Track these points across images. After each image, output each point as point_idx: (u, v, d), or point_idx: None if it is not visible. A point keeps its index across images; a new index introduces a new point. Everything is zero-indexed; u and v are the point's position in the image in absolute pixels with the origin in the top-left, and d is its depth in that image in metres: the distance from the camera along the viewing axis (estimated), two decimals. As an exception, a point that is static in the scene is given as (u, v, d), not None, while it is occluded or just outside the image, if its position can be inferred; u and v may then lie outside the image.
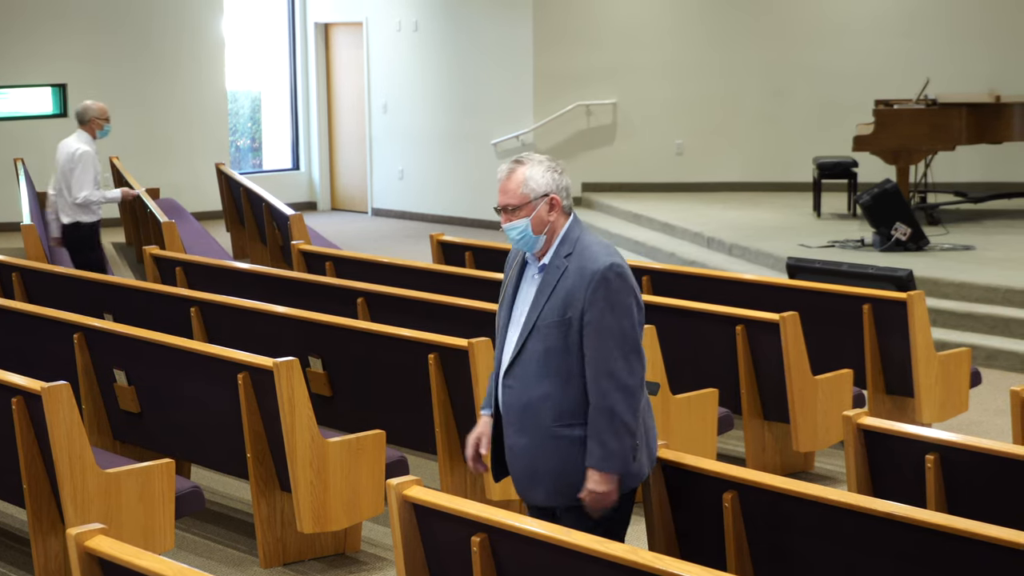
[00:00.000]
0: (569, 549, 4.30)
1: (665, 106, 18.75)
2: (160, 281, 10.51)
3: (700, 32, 18.70)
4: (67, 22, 19.23)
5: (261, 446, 6.91)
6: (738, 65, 18.64)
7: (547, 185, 5.06)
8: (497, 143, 18.92)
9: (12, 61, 19.00)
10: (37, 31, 19.08)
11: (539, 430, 5.00)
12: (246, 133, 22.57)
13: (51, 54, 19.24)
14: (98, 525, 4.32)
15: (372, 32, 20.42)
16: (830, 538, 4.84)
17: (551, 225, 5.06)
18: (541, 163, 5.10)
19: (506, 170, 5.10)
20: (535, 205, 5.04)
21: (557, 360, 4.96)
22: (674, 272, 10.33)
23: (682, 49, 18.68)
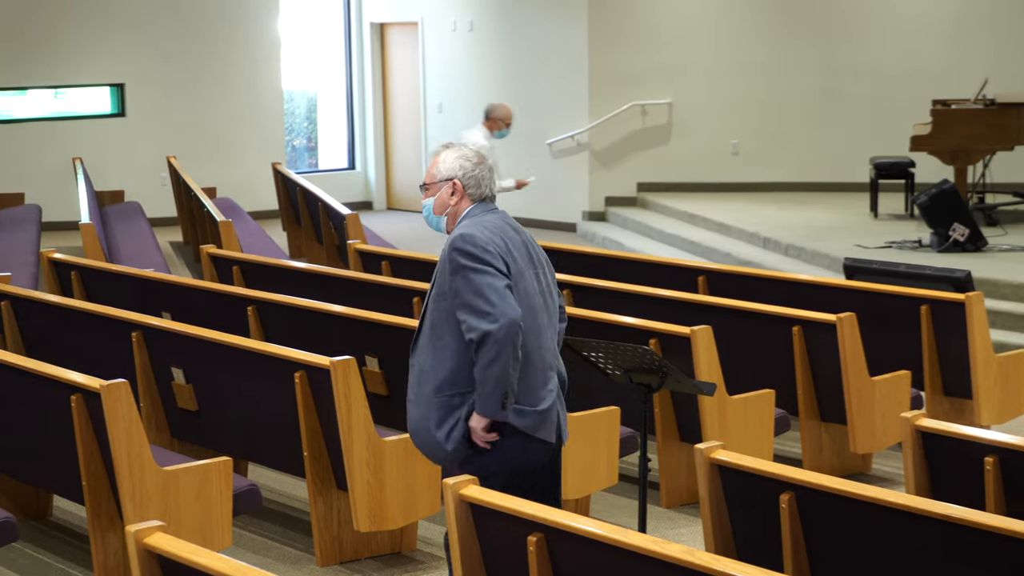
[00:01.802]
0: (626, 549, 4.29)
1: (721, 106, 18.70)
2: (217, 280, 10.56)
3: (756, 31, 18.64)
4: (126, 22, 19.34)
5: (318, 444, 6.93)
6: (793, 64, 18.56)
7: (452, 171, 5.40)
8: (552, 143, 18.91)
9: (71, 61, 19.14)
10: (95, 31, 19.20)
11: (423, 399, 5.33)
12: (302, 133, 22.64)
13: (109, 54, 19.37)
14: (157, 522, 4.33)
15: (427, 32, 20.45)
16: (888, 540, 4.81)
17: (453, 209, 5.42)
18: (457, 150, 5.46)
19: (432, 152, 5.52)
20: (439, 187, 5.42)
21: (439, 333, 5.27)
22: (730, 272, 10.29)
23: (738, 49, 18.62)
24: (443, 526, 7.28)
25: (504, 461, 5.33)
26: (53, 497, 7.73)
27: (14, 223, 15.88)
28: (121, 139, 19.45)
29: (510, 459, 5.34)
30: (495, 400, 5.18)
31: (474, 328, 5.14)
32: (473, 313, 5.15)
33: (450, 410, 5.29)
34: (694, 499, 7.74)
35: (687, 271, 10.33)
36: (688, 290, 9.52)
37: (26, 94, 19.30)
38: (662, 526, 7.58)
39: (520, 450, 5.34)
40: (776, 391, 8.01)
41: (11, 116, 19.13)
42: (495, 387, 5.16)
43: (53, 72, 19.12)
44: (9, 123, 19.01)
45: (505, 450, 5.32)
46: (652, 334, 7.88)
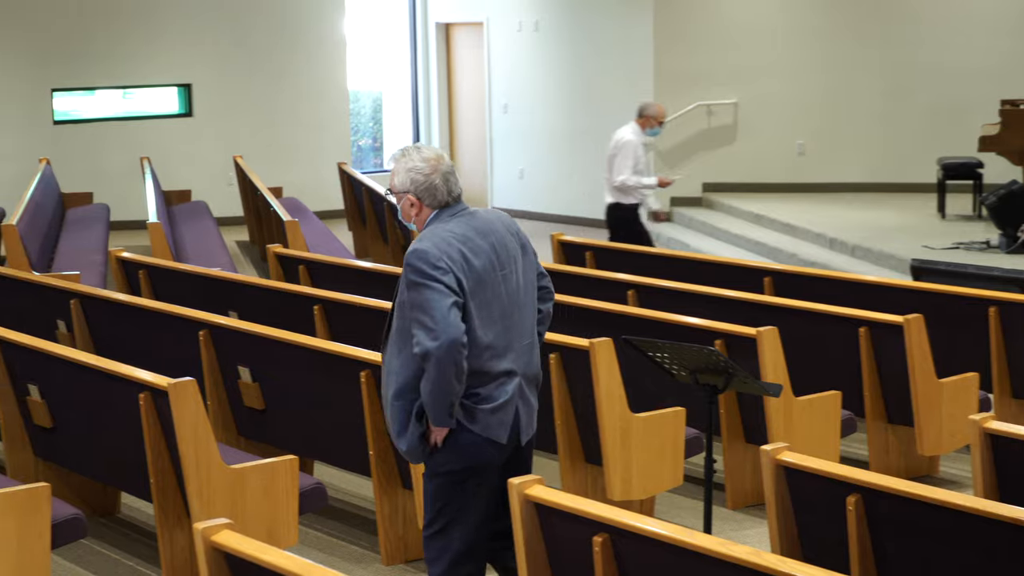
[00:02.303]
0: (691, 550, 4.28)
1: (786, 106, 18.63)
2: (283, 279, 10.61)
3: (821, 31, 18.55)
4: (192, 23, 19.46)
5: (383, 444, 6.95)
6: (860, 64, 18.47)
7: (404, 185, 5.49)
8: (617, 143, 18.88)
9: (139, 62, 19.28)
10: (163, 32, 19.33)
11: (387, 402, 5.45)
12: (367, 133, 22.71)
13: (177, 55, 19.50)
14: (224, 520, 4.36)
15: (493, 32, 20.47)
16: (955, 543, 4.78)
17: (416, 218, 5.53)
18: (409, 161, 5.49)
19: (392, 158, 5.63)
20: (400, 198, 5.52)
21: (401, 340, 5.38)
22: (796, 273, 10.25)
23: (804, 49, 18.54)
24: (508, 526, 7.29)
25: (457, 459, 5.40)
26: (121, 494, 7.78)
27: (83, 222, 16.01)
28: (188, 139, 19.58)
29: (464, 457, 5.40)
30: (442, 411, 5.28)
31: (419, 343, 5.23)
32: (419, 328, 5.23)
33: (408, 415, 5.38)
34: (759, 500, 7.71)
35: (753, 272, 10.30)
36: (754, 291, 9.49)
37: (95, 94, 19.46)
38: (727, 527, 7.56)
39: (473, 448, 5.40)
40: (842, 392, 7.97)
41: (80, 116, 19.29)
42: (439, 401, 5.25)
43: (121, 72, 19.27)
44: (78, 123, 19.17)
45: (459, 448, 5.39)
46: (718, 335, 7.85)
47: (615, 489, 7.11)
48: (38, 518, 6.01)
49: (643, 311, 8.57)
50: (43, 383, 7.25)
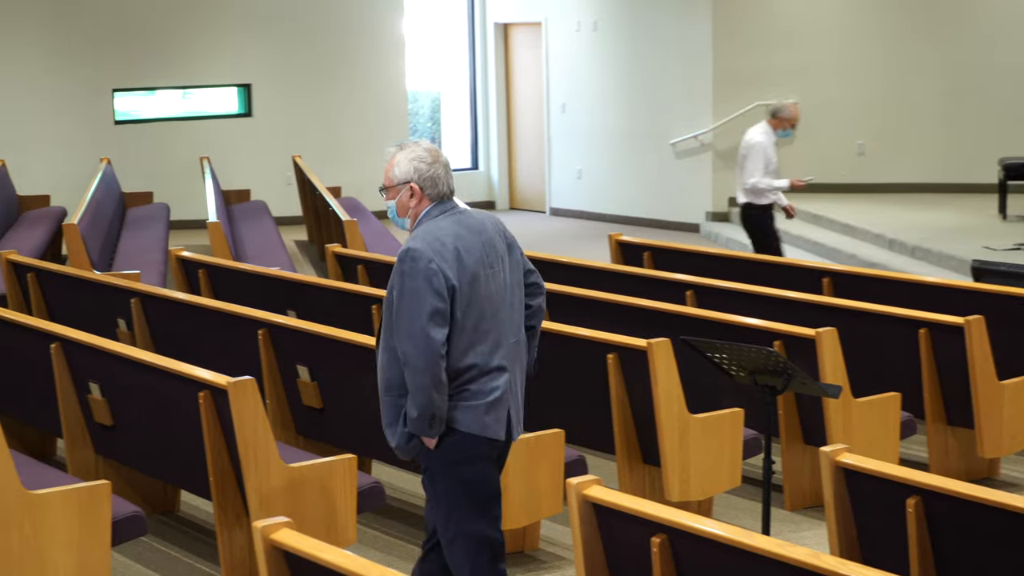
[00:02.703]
0: (750, 552, 4.27)
1: (846, 106, 18.54)
2: (342, 278, 10.64)
3: (881, 31, 18.47)
4: (252, 23, 19.56)
5: (441, 443, 6.96)
6: (919, 64, 18.37)
7: (407, 174, 5.47)
8: (675, 143, 18.86)
9: (198, 62, 19.39)
10: (223, 32, 19.44)
11: (381, 394, 5.47)
12: (426, 133, 22.75)
13: (236, 55, 19.60)
14: (283, 519, 4.38)
15: (551, 32, 20.47)
16: (1016, 545, 4.75)
17: (412, 210, 5.50)
18: (411, 151, 5.50)
19: (388, 153, 5.57)
20: (399, 190, 5.49)
21: (388, 335, 5.40)
22: (855, 274, 10.20)
23: (863, 48, 18.45)
24: (566, 526, 7.29)
25: (455, 457, 5.44)
26: (180, 492, 7.83)
27: (143, 222, 16.11)
28: (247, 139, 19.67)
29: (461, 454, 5.44)
30: (423, 423, 5.32)
31: (400, 348, 5.31)
32: (402, 334, 5.29)
33: (397, 410, 5.42)
34: (818, 502, 7.69)
35: (812, 272, 10.26)
36: (813, 291, 9.46)
37: (155, 94, 19.58)
38: (785, 529, 7.54)
39: (469, 445, 5.43)
40: (902, 394, 7.93)
41: (140, 116, 19.42)
42: (419, 411, 5.29)
43: (181, 73, 19.38)
44: (138, 123, 19.30)
45: (455, 446, 5.42)
46: (776, 336, 7.83)
47: (673, 490, 7.10)
48: (99, 515, 6.06)
49: (701, 312, 8.55)
50: (104, 381, 7.30)
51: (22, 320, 8.12)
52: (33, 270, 10.23)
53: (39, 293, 10.13)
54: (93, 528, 6.05)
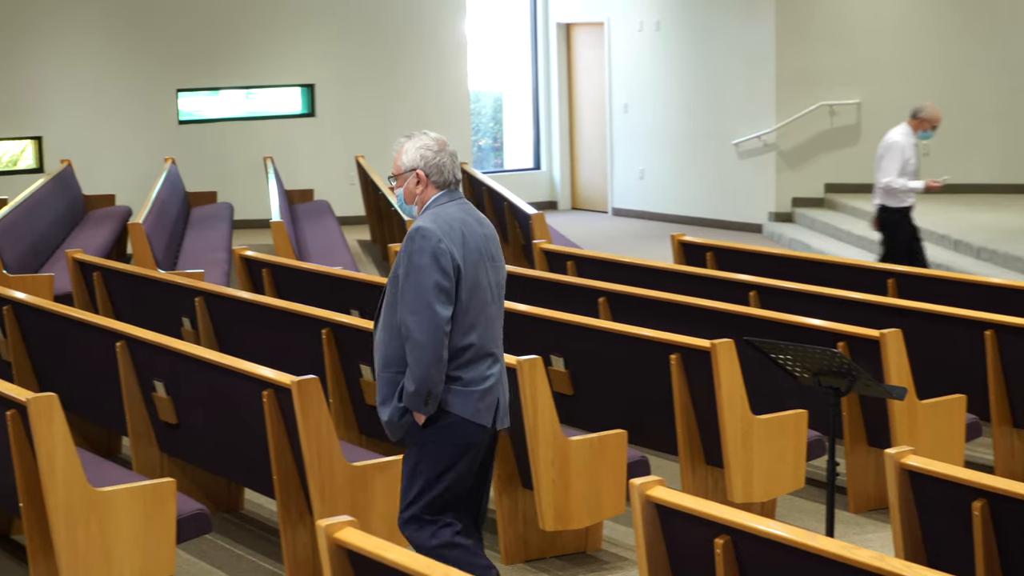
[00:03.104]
0: (814, 554, 4.25)
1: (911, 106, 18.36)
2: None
3: (945, 30, 18.34)
4: (316, 24, 19.63)
5: (503, 442, 6.97)
6: (983, 63, 18.23)
7: (414, 161, 5.67)
8: (738, 143, 18.80)
9: (262, 62, 19.48)
10: (287, 33, 19.51)
11: (376, 373, 5.62)
12: (488, 133, 22.77)
13: (300, 55, 19.67)
14: (346, 517, 4.39)
15: (614, 32, 20.44)
16: (1084, 550, 4.72)
17: (419, 197, 5.68)
18: (419, 140, 5.70)
19: (397, 144, 5.76)
20: (406, 177, 5.69)
21: (390, 313, 5.56)
22: (920, 275, 10.14)
23: (927, 48, 18.33)
24: (629, 526, 7.29)
25: (444, 438, 5.55)
26: (244, 490, 7.86)
27: (207, 221, 16.20)
28: (311, 139, 19.75)
29: (450, 437, 5.56)
30: (419, 398, 5.44)
31: (402, 322, 5.44)
32: (407, 308, 5.42)
33: (393, 387, 5.56)
34: (882, 504, 7.65)
35: (876, 273, 10.21)
36: (877, 293, 9.41)
37: (218, 94, 19.68)
38: (849, 531, 7.50)
39: (462, 429, 5.55)
40: (967, 396, 7.87)
41: (204, 116, 19.52)
42: (417, 386, 5.42)
43: (245, 73, 19.48)
44: (202, 123, 19.41)
45: (446, 428, 5.55)
46: (840, 337, 7.79)
47: (736, 491, 7.07)
48: (164, 513, 6.10)
49: (765, 312, 8.51)
50: (168, 380, 7.34)
51: (88, 319, 8.18)
52: (99, 269, 10.31)
53: (105, 292, 10.20)
54: (158, 525, 6.09)
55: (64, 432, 5.91)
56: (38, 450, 5.88)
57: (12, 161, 18.73)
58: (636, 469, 7.02)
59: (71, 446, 5.93)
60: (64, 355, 8.50)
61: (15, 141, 18.61)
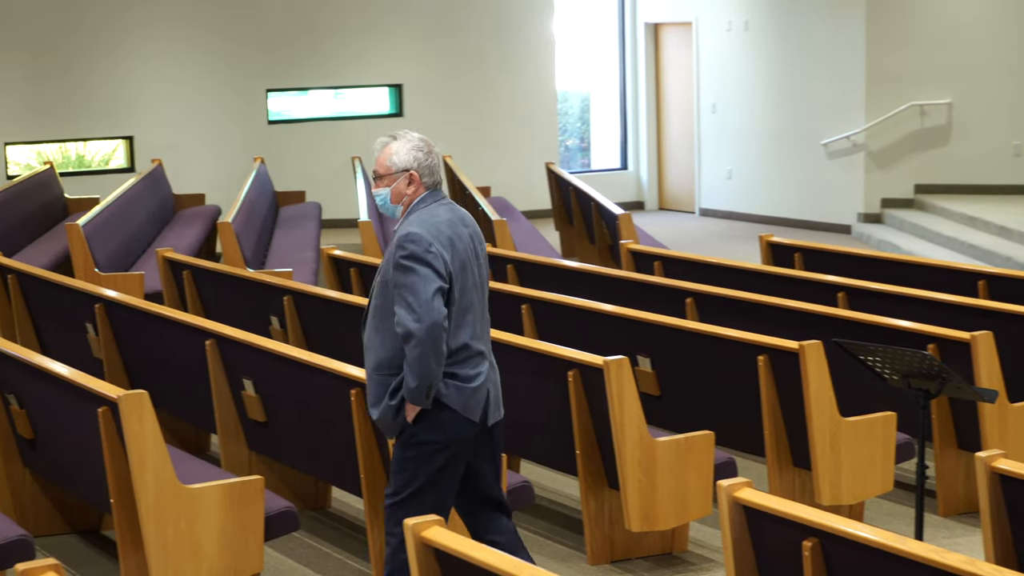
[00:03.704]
0: (904, 557, 4.22)
1: (1003, 106, 18.22)
2: (492, 278, 10.65)
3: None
4: (404, 24, 19.70)
5: (590, 443, 6.97)
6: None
7: (407, 162, 5.70)
8: (827, 143, 18.68)
9: (351, 62, 19.57)
10: (375, 33, 19.60)
11: (367, 375, 5.72)
12: (575, 133, 22.76)
13: (388, 55, 19.75)
14: (433, 516, 4.40)
15: (702, 32, 20.37)
16: None
17: (408, 198, 5.71)
18: (409, 141, 5.73)
19: (381, 143, 5.77)
20: (396, 178, 5.71)
21: (381, 317, 5.63)
22: (1012, 277, 10.02)
23: (1020, 47, 18.12)
24: (715, 528, 7.27)
25: (435, 433, 5.63)
26: (332, 488, 7.90)
27: (295, 220, 16.29)
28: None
29: (441, 432, 5.64)
30: (420, 392, 5.51)
31: (401, 323, 5.48)
32: (404, 308, 5.48)
33: (384, 388, 5.64)
34: (972, 508, 7.58)
35: (966, 275, 10.11)
36: (968, 294, 9.32)
37: (307, 95, 19.81)
38: (939, 535, 7.43)
39: (450, 424, 5.63)
40: (1060, 399, 7.78)
41: (292, 116, 19.64)
42: (419, 382, 5.49)
43: (333, 73, 19.58)
44: (290, 123, 19.53)
45: (437, 423, 5.63)
46: (930, 339, 7.73)
47: (824, 493, 7.04)
48: (252, 510, 6.15)
49: (853, 314, 8.46)
50: (257, 378, 7.39)
51: (179, 317, 8.25)
52: (188, 267, 10.40)
53: (194, 290, 10.29)
54: (246, 522, 6.14)
55: (154, 429, 5.97)
56: (129, 447, 5.94)
57: (104, 161, 18.94)
58: (723, 470, 7.00)
59: (161, 443, 5.99)
60: (154, 353, 8.58)
61: (107, 141, 18.82)
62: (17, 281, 10.09)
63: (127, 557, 6.24)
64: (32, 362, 6.95)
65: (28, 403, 7.10)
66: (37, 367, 6.89)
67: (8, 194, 14.76)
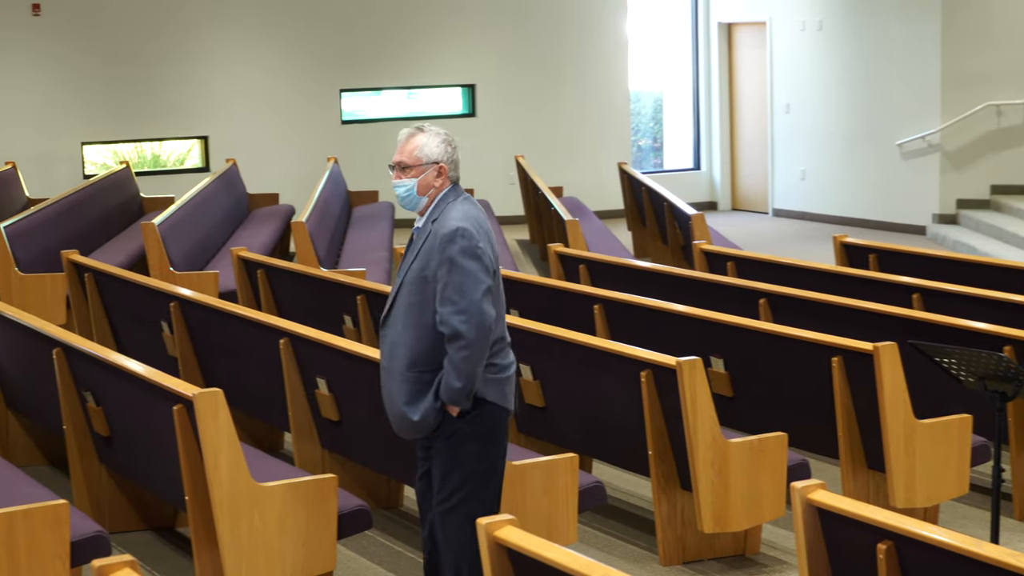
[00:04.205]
0: (980, 561, 4.18)
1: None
2: (564, 278, 10.68)
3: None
4: (477, 24, 19.73)
5: (663, 444, 6.95)
6: None
7: (439, 154, 5.67)
8: (902, 144, 18.55)
9: (424, 63, 19.62)
10: (448, 33, 19.64)
11: (395, 374, 5.64)
12: (648, 133, 22.72)
13: (461, 55, 19.79)
14: (507, 516, 4.41)
15: (775, 32, 20.29)
16: None
17: (435, 191, 5.68)
18: (437, 135, 5.71)
19: (407, 133, 5.73)
20: (424, 169, 5.66)
21: (416, 313, 5.58)
22: (1090, 278, 9.93)
23: (1100, 47, 17.95)
24: (788, 530, 7.24)
25: (480, 428, 5.63)
26: (404, 487, 7.92)
27: (368, 220, 16.35)
28: (471, 138, 19.81)
29: (486, 424, 5.64)
30: (463, 393, 5.50)
31: (448, 323, 5.46)
32: (452, 308, 5.46)
33: (422, 386, 5.59)
34: (1049, 512, 7.52)
35: (1044, 276, 10.03)
36: (1045, 296, 9.23)
37: (380, 94, 19.87)
38: (1015, 538, 7.38)
39: (493, 416, 5.65)
40: None
41: (366, 116, 19.72)
42: (464, 383, 5.48)
43: (406, 73, 19.64)
44: (364, 123, 19.60)
45: (481, 416, 5.63)
46: (1007, 340, 7.66)
47: (898, 496, 6.99)
48: (326, 508, 6.18)
49: (929, 315, 8.40)
50: (331, 377, 7.42)
51: (253, 316, 8.30)
52: (262, 267, 10.45)
53: (268, 289, 10.34)
54: (319, 520, 6.17)
55: (229, 427, 6.00)
56: (203, 445, 5.98)
57: (179, 160, 19.09)
58: (797, 472, 6.97)
59: (236, 441, 6.03)
60: (229, 351, 8.63)
61: (183, 141, 18.97)
62: (94, 280, 10.18)
63: (201, 554, 6.28)
64: (108, 360, 7.01)
65: (104, 401, 7.17)
66: (113, 365, 6.96)
67: (85, 193, 14.90)
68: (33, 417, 8.50)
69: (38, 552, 5.66)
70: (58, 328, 7.79)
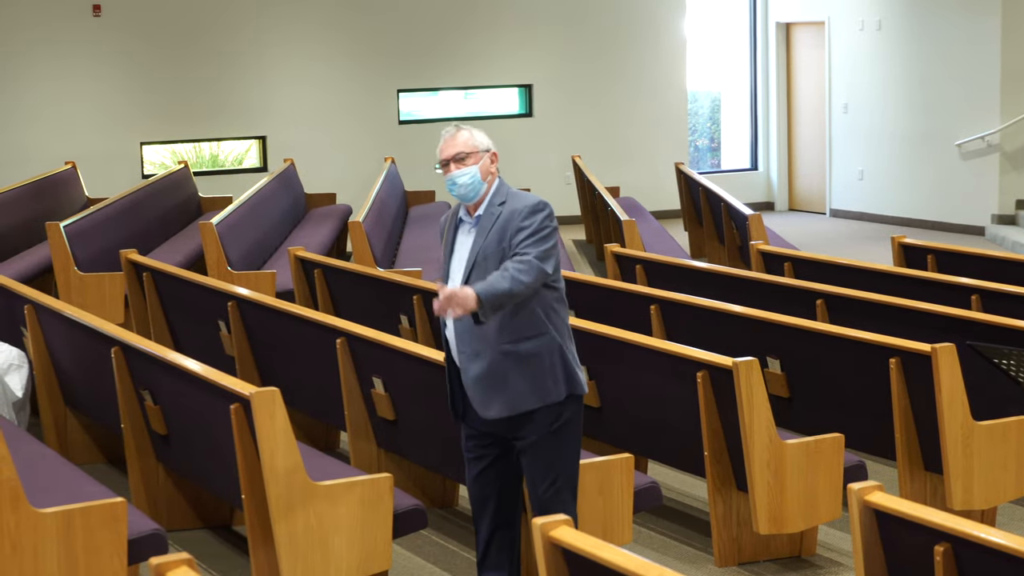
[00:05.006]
0: (1039, 564, 4.16)
1: None
2: (620, 278, 10.67)
3: None
4: (534, 24, 19.74)
5: (718, 444, 6.94)
6: None
7: (488, 143, 5.93)
8: (961, 144, 18.44)
9: (481, 63, 19.64)
10: (505, 33, 19.65)
11: (490, 350, 5.76)
12: (705, 133, 22.67)
13: (518, 56, 19.79)
14: (562, 516, 4.41)
15: (834, 31, 20.20)
16: None
17: (492, 176, 5.90)
18: (475, 129, 5.95)
19: (450, 131, 5.91)
20: (481, 156, 5.87)
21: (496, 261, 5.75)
22: None
23: None
24: (844, 532, 7.21)
25: (576, 416, 5.92)
26: (459, 486, 7.93)
27: (425, 220, 16.37)
28: (528, 139, 19.84)
29: (578, 414, 5.94)
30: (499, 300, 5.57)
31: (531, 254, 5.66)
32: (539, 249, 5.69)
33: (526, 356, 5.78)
34: (1109, 515, 7.46)
35: (1105, 278, 9.94)
36: (1106, 297, 9.16)
37: (438, 95, 19.91)
38: (1074, 542, 7.30)
39: (580, 405, 5.95)
40: None
41: (423, 116, 19.75)
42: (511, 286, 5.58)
43: (464, 74, 19.66)
44: (421, 123, 19.62)
45: (576, 406, 5.90)
46: (1067, 342, 7.61)
47: (956, 498, 6.95)
48: (381, 507, 6.19)
49: (988, 316, 8.34)
50: (387, 376, 7.44)
51: (309, 315, 8.33)
52: (319, 266, 10.49)
53: (325, 289, 10.38)
54: (375, 519, 6.18)
55: (286, 426, 6.03)
56: (260, 443, 6.01)
57: (238, 160, 19.18)
58: (853, 474, 6.94)
59: (292, 440, 6.05)
60: (285, 351, 8.66)
61: (240, 141, 19.06)
62: (152, 279, 10.24)
63: (257, 552, 6.31)
64: (166, 359, 7.05)
65: (162, 399, 7.21)
66: (171, 364, 7.00)
67: (144, 193, 14.99)
68: (92, 415, 8.56)
69: (96, 550, 5.70)
70: (116, 327, 7.84)
